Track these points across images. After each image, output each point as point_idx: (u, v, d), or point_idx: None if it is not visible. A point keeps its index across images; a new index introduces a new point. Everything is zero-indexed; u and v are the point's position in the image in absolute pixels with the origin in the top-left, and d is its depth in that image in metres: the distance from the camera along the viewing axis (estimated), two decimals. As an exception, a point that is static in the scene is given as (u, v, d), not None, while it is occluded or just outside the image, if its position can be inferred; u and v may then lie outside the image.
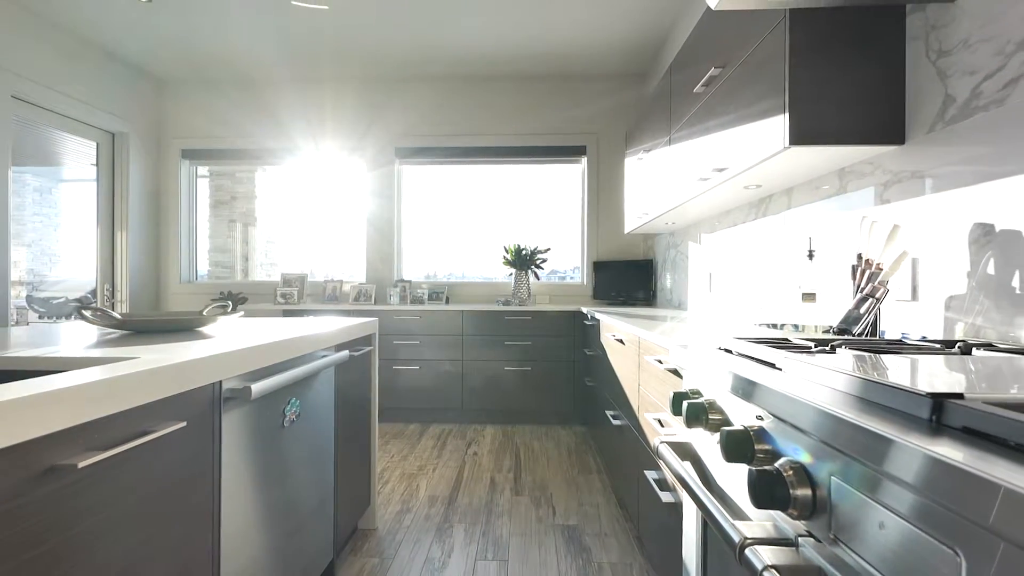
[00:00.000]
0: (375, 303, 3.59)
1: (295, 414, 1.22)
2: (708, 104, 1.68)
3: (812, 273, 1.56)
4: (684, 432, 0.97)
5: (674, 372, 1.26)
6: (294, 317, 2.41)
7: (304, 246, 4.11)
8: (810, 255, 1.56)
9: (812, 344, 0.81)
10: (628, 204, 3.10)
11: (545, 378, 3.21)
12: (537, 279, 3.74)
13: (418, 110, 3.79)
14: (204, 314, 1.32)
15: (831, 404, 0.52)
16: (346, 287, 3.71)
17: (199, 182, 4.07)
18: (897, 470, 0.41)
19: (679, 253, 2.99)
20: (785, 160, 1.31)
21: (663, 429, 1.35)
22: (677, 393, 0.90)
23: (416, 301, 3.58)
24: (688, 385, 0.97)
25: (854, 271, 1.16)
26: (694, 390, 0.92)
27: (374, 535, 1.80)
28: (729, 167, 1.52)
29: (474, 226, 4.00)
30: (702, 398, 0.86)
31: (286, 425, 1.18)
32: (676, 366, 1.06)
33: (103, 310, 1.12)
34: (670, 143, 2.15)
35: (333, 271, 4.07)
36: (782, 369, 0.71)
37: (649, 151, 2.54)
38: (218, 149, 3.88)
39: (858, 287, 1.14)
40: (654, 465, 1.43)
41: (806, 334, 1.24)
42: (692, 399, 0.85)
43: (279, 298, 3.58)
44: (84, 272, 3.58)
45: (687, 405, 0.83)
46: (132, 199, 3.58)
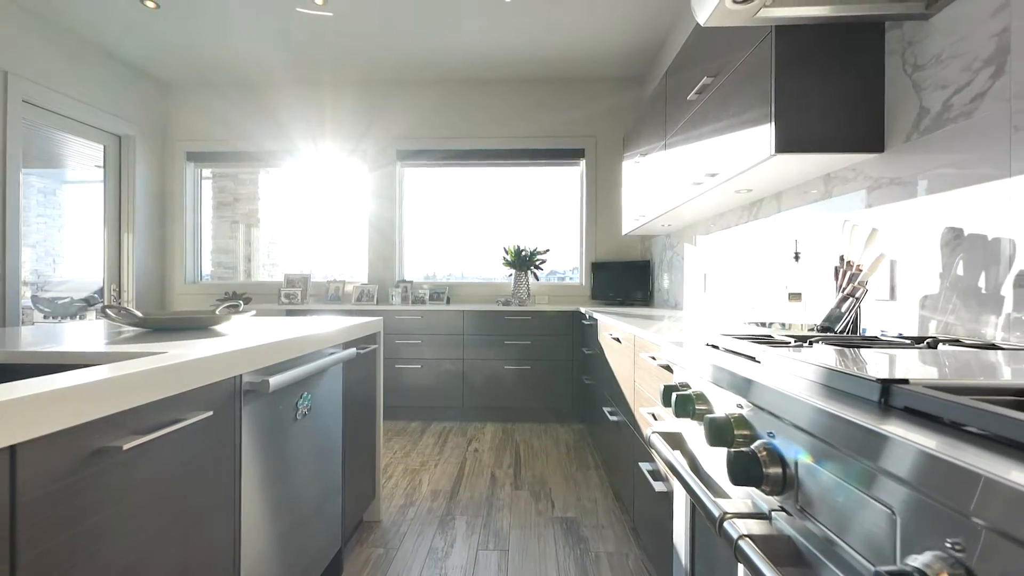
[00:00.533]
0: (377, 303, 3.66)
1: (307, 408, 1.28)
2: (701, 111, 1.75)
3: (798, 274, 1.63)
4: (674, 423, 1.04)
5: (666, 368, 1.33)
6: (298, 317, 2.47)
7: (306, 247, 4.18)
8: (796, 257, 1.63)
9: (791, 340, 0.87)
10: (626, 206, 3.16)
11: (544, 377, 3.28)
12: (536, 280, 3.80)
13: (419, 113, 3.86)
14: (217, 313, 1.38)
15: (799, 392, 0.58)
16: (348, 287, 3.77)
17: (203, 184, 4.13)
18: (847, 445, 0.47)
19: (675, 254, 3.06)
20: (772, 166, 1.38)
21: (656, 422, 1.41)
22: (667, 386, 0.97)
23: (417, 301, 3.64)
24: (678, 379, 1.04)
25: (836, 272, 1.23)
26: (683, 383, 0.98)
27: (379, 527, 1.86)
28: (720, 172, 1.59)
29: (474, 227, 4.07)
30: (690, 390, 0.93)
31: (298, 418, 1.24)
32: (668, 362, 1.13)
33: (126, 309, 1.19)
34: (666, 147, 2.21)
35: (335, 272, 4.13)
36: (760, 362, 0.77)
37: (646, 155, 2.60)
38: (222, 152, 3.94)
39: (840, 287, 1.20)
40: (648, 457, 1.49)
41: (791, 332, 1.30)
42: (681, 391, 0.91)
43: (283, 298, 3.64)
44: (88, 272, 3.63)
45: (676, 397, 0.89)
46: (138, 201, 3.64)
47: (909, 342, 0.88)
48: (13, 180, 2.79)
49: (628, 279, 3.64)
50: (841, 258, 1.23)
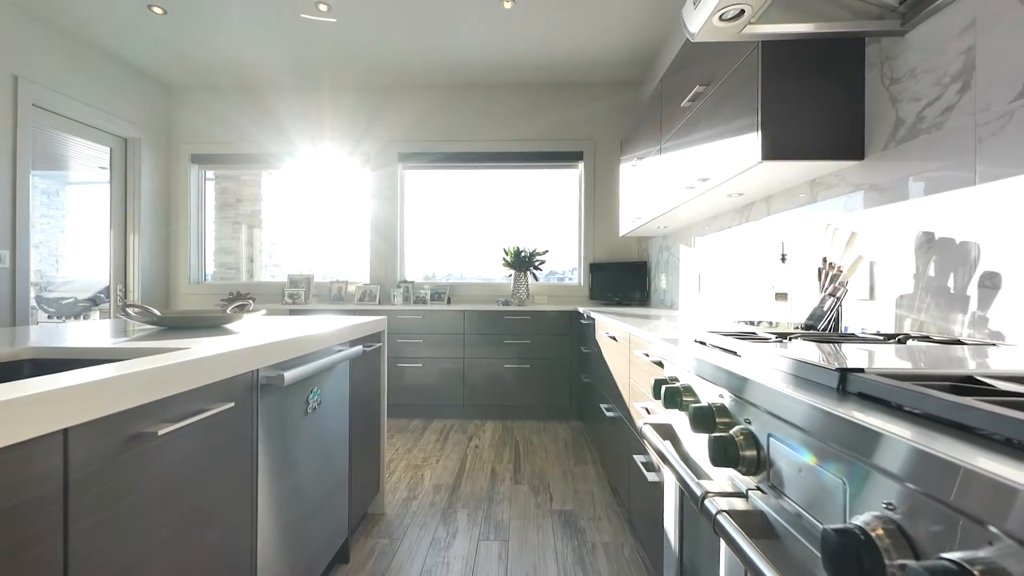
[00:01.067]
0: (379, 303, 3.72)
1: (317, 402, 1.34)
2: (694, 118, 1.81)
3: (785, 275, 1.70)
4: (665, 415, 1.10)
5: (658, 363, 1.40)
6: (303, 316, 2.53)
7: (308, 248, 4.24)
8: (783, 258, 1.69)
9: (772, 336, 0.94)
10: (623, 208, 3.23)
11: (543, 375, 3.35)
12: (536, 280, 3.87)
13: (419, 116, 3.92)
14: (228, 312, 1.44)
15: (771, 382, 0.65)
16: (351, 287, 3.83)
17: (206, 185, 4.19)
18: (808, 426, 0.54)
19: (671, 255, 3.12)
20: (760, 172, 1.44)
21: (648, 416, 1.48)
22: (658, 380, 1.03)
23: (419, 301, 3.71)
24: (668, 373, 1.10)
25: (820, 273, 1.30)
26: (672, 377, 1.05)
27: (383, 519, 1.92)
28: (712, 177, 1.66)
29: (474, 228, 4.13)
30: (679, 383, 0.99)
31: (309, 412, 1.30)
32: (659, 358, 1.19)
33: (145, 307, 1.25)
34: (661, 152, 2.28)
35: (337, 272, 4.19)
36: (741, 356, 0.84)
37: (642, 159, 2.67)
38: (225, 154, 4.00)
39: (823, 287, 1.27)
40: (642, 449, 1.56)
41: (777, 329, 1.37)
42: (670, 384, 0.98)
43: (286, 298, 3.71)
44: (91, 273, 3.68)
45: (665, 389, 0.96)
46: (144, 202, 3.70)
47: (882, 338, 0.94)
48: (23, 183, 2.85)
49: (626, 279, 3.71)
50: (824, 260, 1.30)
